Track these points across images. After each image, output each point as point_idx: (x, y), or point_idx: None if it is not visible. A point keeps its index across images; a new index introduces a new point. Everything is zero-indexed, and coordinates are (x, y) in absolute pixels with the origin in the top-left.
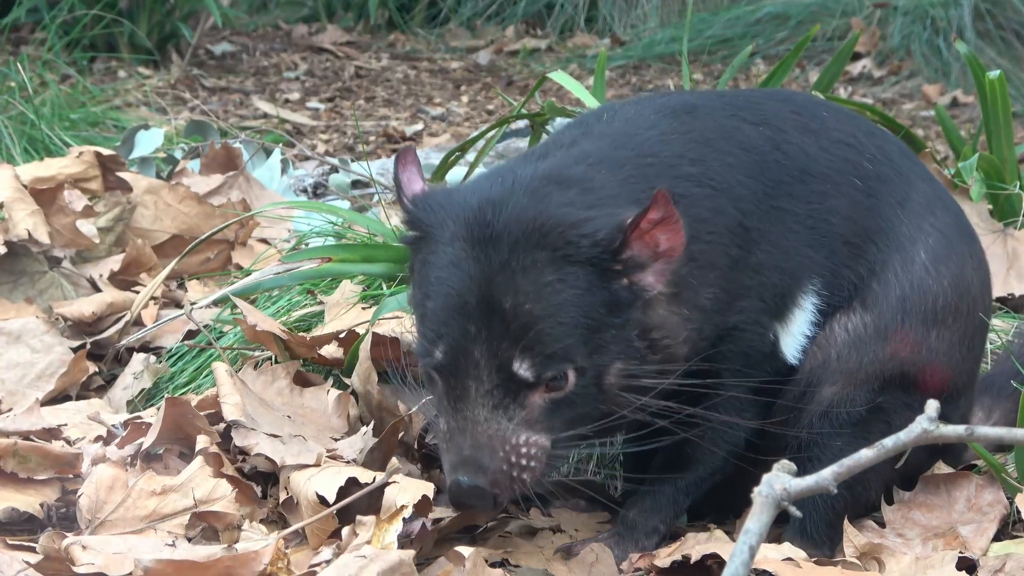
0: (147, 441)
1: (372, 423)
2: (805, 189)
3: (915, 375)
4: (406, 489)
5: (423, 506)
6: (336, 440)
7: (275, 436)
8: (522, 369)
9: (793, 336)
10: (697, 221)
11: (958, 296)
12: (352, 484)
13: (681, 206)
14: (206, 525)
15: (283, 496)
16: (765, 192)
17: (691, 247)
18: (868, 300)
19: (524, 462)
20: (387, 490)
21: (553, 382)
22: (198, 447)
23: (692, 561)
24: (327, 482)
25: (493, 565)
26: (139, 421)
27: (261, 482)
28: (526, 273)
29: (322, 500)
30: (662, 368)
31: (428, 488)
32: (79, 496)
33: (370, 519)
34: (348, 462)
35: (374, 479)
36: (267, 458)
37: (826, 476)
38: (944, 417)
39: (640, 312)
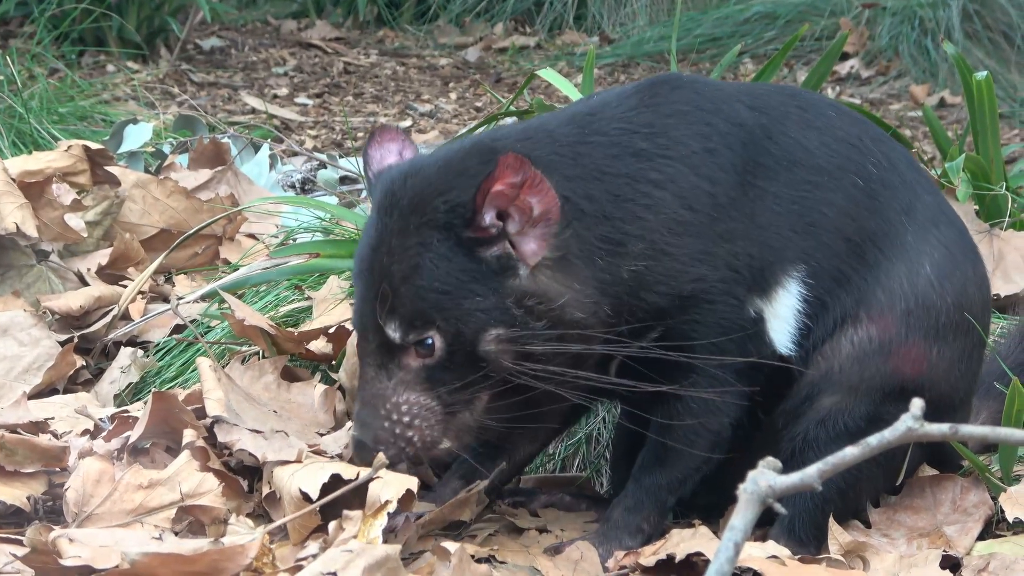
0: (134, 435)
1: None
2: (793, 177)
3: (915, 390)
4: (390, 484)
5: (406, 501)
6: (322, 435)
7: (257, 432)
8: (390, 330)
9: (781, 320)
10: (623, 199)
11: (960, 314)
12: (336, 480)
13: (604, 183)
14: (192, 519)
15: (266, 491)
16: (745, 168)
17: (604, 226)
18: (874, 310)
19: (407, 419)
20: (371, 485)
21: (421, 346)
22: (185, 441)
23: (677, 559)
24: (310, 478)
25: (479, 561)
26: (126, 415)
27: (248, 476)
28: (398, 237)
29: (305, 496)
30: (555, 335)
31: (412, 483)
32: (66, 490)
33: (356, 514)
34: (332, 457)
35: (358, 475)
36: (251, 453)
37: (811, 474)
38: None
39: (516, 279)
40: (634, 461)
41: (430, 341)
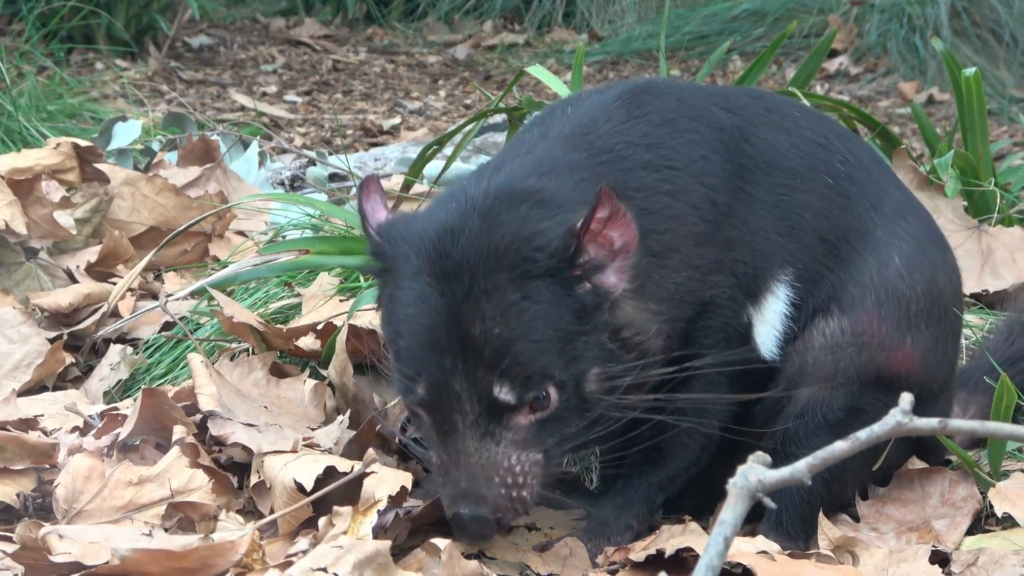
0: (124, 432)
1: (348, 412)
2: (772, 181)
3: (891, 379)
4: (385, 480)
5: (398, 496)
6: (313, 430)
7: (251, 425)
8: (503, 394)
9: (767, 325)
10: (652, 212)
11: (930, 302)
12: (330, 473)
13: (635, 200)
14: (182, 515)
15: (255, 479)
16: (733, 172)
17: (648, 239)
18: (845, 303)
19: (521, 481)
20: (366, 481)
21: (536, 402)
22: (175, 438)
23: (666, 555)
24: (305, 469)
25: (468, 557)
26: (116, 412)
27: (237, 472)
28: (489, 298)
29: (299, 487)
30: (641, 364)
31: (407, 479)
32: (56, 486)
33: (347, 510)
34: (324, 451)
35: (352, 468)
36: (243, 448)
37: (801, 468)
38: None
39: (607, 314)
40: (624, 457)
41: (545, 395)
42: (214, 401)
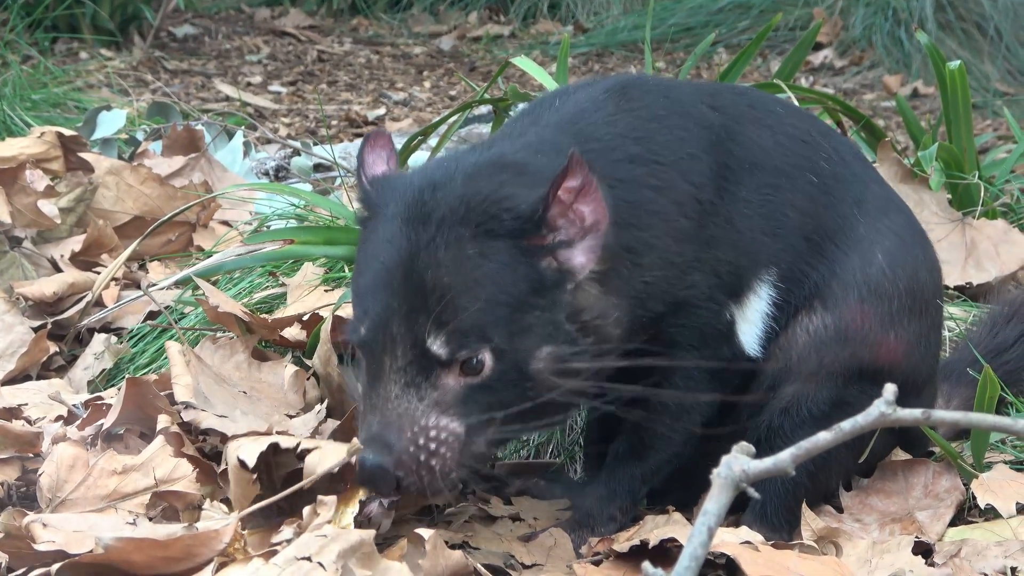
0: (108, 421)
1: (326, 402)
2: (757, 180)
3: (875, 373)
4: (327, 454)
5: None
6: (291, 417)
7: (225, 417)
8: (435, 345)
9: (750, 324)
10: (635, 205)
11: (912, 298)
12: (277, 451)
13: (619, 191)
14: (166, 505)
15: (224, 466)
16: (718, 172)
17: (627, 233)
18: (829, 301)
19: (433, 446)
20: (308, 458)
21: (468, 365)
22: (159, 427)
23: (650, 546)
24: (249, 447)
25: (453, 547)
26: (100, 402)
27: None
28: (448, 247)
29: (243, 465)
30: (597, 350)
31: (342, 450)
32: (40, 475)
33: (331, 499)
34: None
35: (298, 444)
36: (223, 436)
37: (784, 458)
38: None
39: (570, 294)
40: (608, 446)
41: (480, 359)
42: (190, 392)
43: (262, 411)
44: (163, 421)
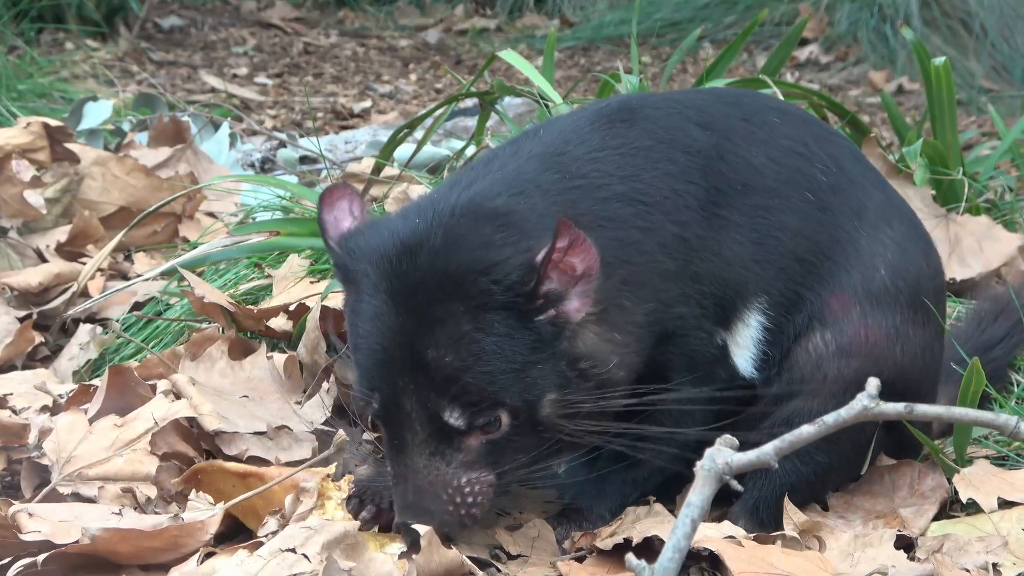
0: (92, 409)
1: (328, 378)
2: (748, 203)
3: (883, 385)
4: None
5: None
6: (299, 404)
7: (260, 433)
8: (452, 419)
9: (742, 348)
10: (625, 243)
11: (914, 309)
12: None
13: (608, 229)
14: (168, 448)
15: None
16: (708, 199)
17: (620, 269)
18: (828, 318)
19: (470, 499)
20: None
21: (487, 427)
22: (160, 389)
23: (634, 544)
24: None
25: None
26: (87, 384)
27: (208, 443)
28: (444, 325)
29: None
30: (600, 394)
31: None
32: (42, 449)
33: (314, 485)
34: (320, 426)
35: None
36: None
37: (767, 451)
38: (912, 423)
39: (566, 342)
40: (599, 450)
41: (496, 420)
42: (216, 419)
43: (273, 409)
44: (163, 385)
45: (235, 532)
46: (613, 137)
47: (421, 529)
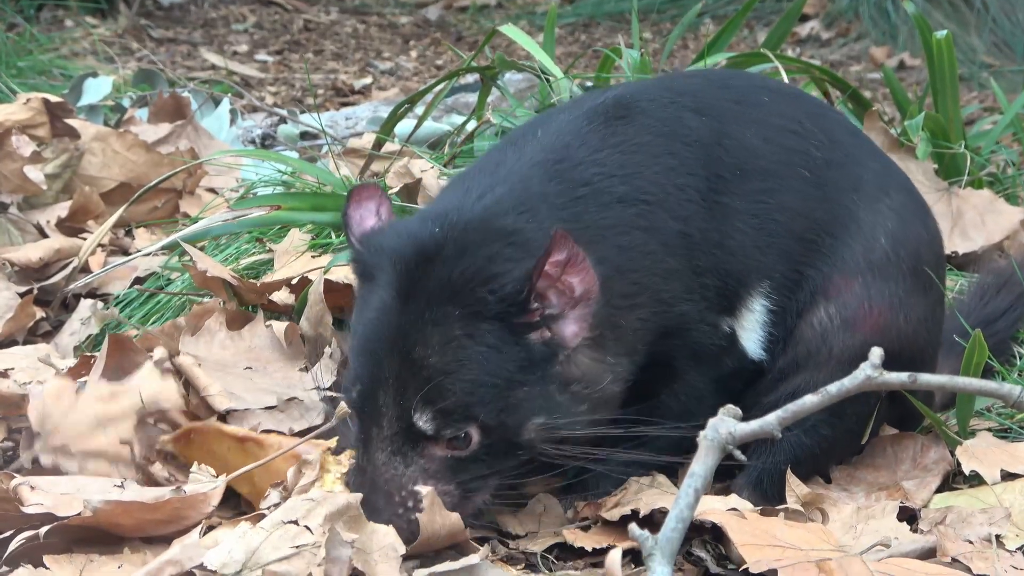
0: (92, 378)
1: (329, 350)
2: (747, 187)
3: (887, 355)
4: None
5: None
6: (306, 371)
7: (272, 408)
8: (420, 422)
9: (748, 331)
10: (627, 249)
11: (916, 277)
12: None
13: (611, 237)
14: (153, 424)
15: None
16: (709, 188)
17: (620, 282)
18: (831, 292)
19: (423, 507)
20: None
21: (454, 441)
22: (155, 357)
23: (641, 515)
24: None
25: None
26: (88, 356)
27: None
28: (436, 326)
29: None
30: (591, 417)
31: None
32: (28, 412)
33: (316, 457)
34: (327, 389)
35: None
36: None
37: (771, 421)
38: (914, 394)
39: (559, 366)
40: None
41: (466, 435)
42: (225, 398)
43: (278, 377)
44: (158, 352)
45: (226, 497)
46: (612, 135)
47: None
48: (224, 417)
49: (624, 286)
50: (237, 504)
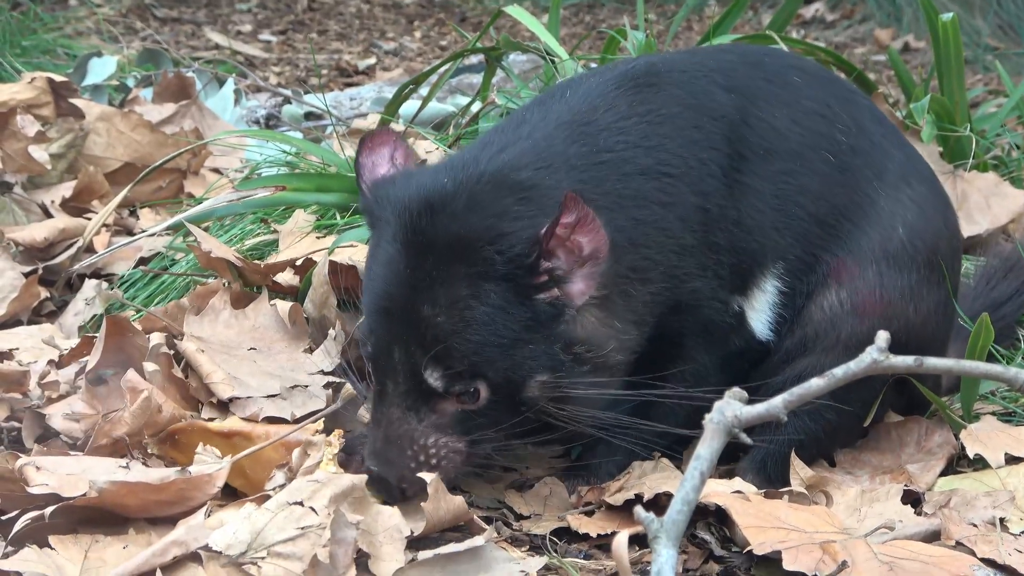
0: (91, 361)
1: (333, 333)
2: (771, 168)
3: (895, 344)
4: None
5: None
6: (310, 352)
7: (274, 396)
8: (431, 378)
9: (758, 312)
10: (643, 223)
11: (931, 269)
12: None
13: (629, 208)
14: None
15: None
16: (731, 165)
17: (633, 254)
18: (844, 277)
19: (435, 461)
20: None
21: (464, 396)
22: (151, 344)
23: (645, 499)
24: None
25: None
26: (89, 336)
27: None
28: (443, 285)
29: None
30: (593, 379)
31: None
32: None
33: (320, 439)
34: (330, 372)
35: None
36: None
37: (777, 404)
38: (921, 380)
39: (565, 325)
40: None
41: (475, 390)
42: (228, 386)
43: (282, 360)
44: (156, 338)
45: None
46: (640, 103)
47: (427, 477)
48: (226, 404)
49: (637, 260)
50: (233, 499)
